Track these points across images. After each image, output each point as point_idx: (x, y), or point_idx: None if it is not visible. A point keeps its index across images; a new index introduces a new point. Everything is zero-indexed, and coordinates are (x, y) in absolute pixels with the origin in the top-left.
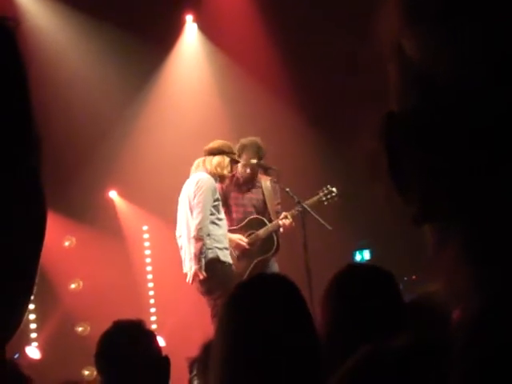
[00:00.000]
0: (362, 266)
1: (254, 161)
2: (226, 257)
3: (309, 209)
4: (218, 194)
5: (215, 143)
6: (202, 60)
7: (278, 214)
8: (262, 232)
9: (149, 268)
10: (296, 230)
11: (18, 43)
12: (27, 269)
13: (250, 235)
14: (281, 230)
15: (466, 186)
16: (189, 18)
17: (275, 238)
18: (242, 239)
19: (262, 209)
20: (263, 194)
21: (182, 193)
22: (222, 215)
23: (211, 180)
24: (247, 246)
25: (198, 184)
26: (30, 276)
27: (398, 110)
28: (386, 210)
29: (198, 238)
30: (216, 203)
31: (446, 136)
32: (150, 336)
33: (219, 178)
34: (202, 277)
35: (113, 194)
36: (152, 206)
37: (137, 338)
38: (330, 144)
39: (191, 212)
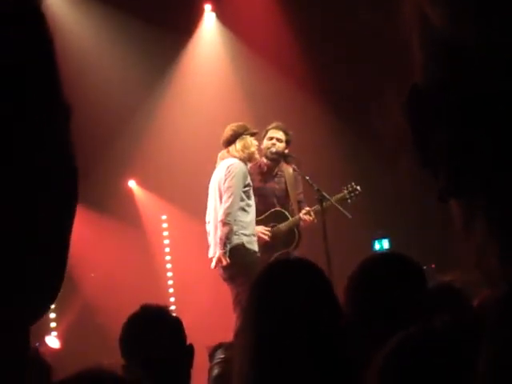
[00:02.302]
0: (385, 254)
1: (274, 149)
2: (252, 244)
3: (328, 197)
4: (249, 179)
5: (228, 131)
6: (221, 49)
7: (300, 203)
8: (283, 226)
9: (168, 257)
10: (316, 219)
11: (44, 18)
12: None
13: (271, 228)
14: (301, 224)
15: (495, 159)
16: (207, 8)
17: (296, 232)
18: (264, 232)
19: (284, 198)
20: (285, 184)
21: (212, 179)
22: (252, 202)
23: (242, 165)
24: (268, 239)
25: (229, 168)
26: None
27: (423, 82)
28: (410, 186)
29: (226, 223)
30: (246, 189)
31: (475, 107)
32: (176, 322)
33: (249, 158)
34: (225, 262)
35: (132, 184)
36: (171, 195)
37: (163, 322)
38: (349, 131)
39: (220, 197)
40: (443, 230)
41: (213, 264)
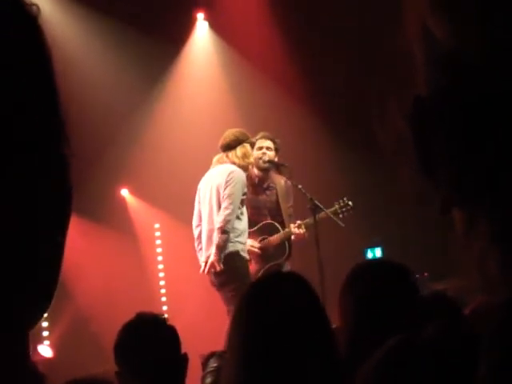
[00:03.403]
0: (376, 261)
1: (266, 157)
2: (245, 252)
3: (321, 206)
4: (246, 188)
5: (230, 136)
6: (213, 57)
7: (290, 217)
8: (274, 238)
9: (160, 266)
10: (307, 232)
11: (41, 28)
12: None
13: (262, 240)
14: (292, 237)
15: (498, 160)
16: (200, 16)
17: (287, 245)
18: (253, 245)
19: (276, 211)
20: (277, 196)
21: (205, 183)
22: (245, 210)
23: (242, 173)
24: (258, 251)
25: (231, 175)
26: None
27: (426, 92)
28: (410, 196)
29: (225, 230)
30: (243, 197)
31: (477, 109)
32: (171, 330)
33: (246, 167)
34: (218, 269)
35: (124, 192)
36: (164, 203)
37: (158, 330)
38: (342, 139)
39: (218, 201)
40: (437, 239)
41: (206, 269)
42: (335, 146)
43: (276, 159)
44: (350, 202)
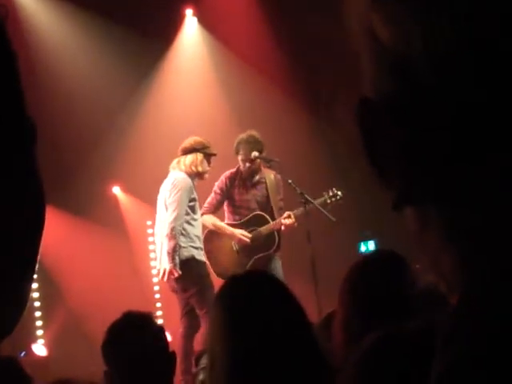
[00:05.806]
0: (376, 255)
1: (256, 153)
2: (201, 256)
3: (312, 200)
4: (194, 193)
5: (188, 142)
6: (203, 53)
7: (280, 210)
8: (263, 229)
9: (153, 263)
10: (297, 222)
11: (5, 28)
12: (25, 250)
13: (251, 231)
14: (282, 228)
15: (443, 170)
16: (189, 12)
17: (276, 237)
18: (244, 234)
19: (265, 205)
20: (267, 190)
21: (160, 190)
22: (198, 215)
23: (187, 179)
24: (249, 242)
25: (173, 183)
26: (31, 255)
27: (373, 94)
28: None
29: (171, 237)
30: (192, 203)
31: (423, 119)
32: (159, 329)
33: (197, 175)
34: (176, 274)
35: (116, 190)
36: (155, 200)
37: (146, 329)
38: (331, 133)
39: (166, 211)
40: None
41: (165, 277)
42: (326, 139)
43: (256, 153)
44: (339, 192)
